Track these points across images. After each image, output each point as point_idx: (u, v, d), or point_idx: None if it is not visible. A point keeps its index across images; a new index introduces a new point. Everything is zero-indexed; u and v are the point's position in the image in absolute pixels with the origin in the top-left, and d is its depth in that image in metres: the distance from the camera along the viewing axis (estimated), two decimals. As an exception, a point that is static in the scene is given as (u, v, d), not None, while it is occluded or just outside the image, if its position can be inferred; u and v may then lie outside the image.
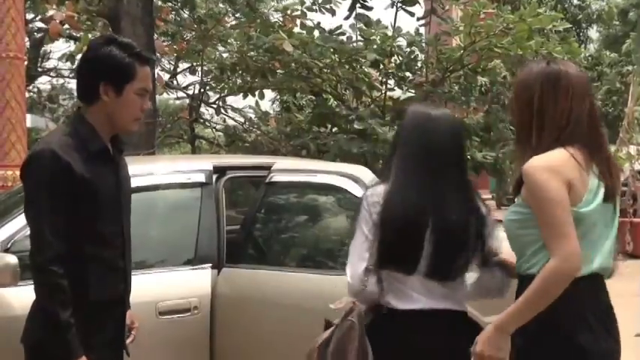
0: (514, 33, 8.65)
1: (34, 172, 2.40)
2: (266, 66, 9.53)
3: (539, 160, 2.37)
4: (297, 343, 3.44)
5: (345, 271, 2.66)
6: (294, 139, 10.06)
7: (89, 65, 2.52)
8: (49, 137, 2.54)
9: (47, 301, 2.39)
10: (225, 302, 3.58)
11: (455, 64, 9.49)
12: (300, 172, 3.82)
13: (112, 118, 2.53)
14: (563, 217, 2.31)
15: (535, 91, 2.45)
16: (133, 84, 2.51)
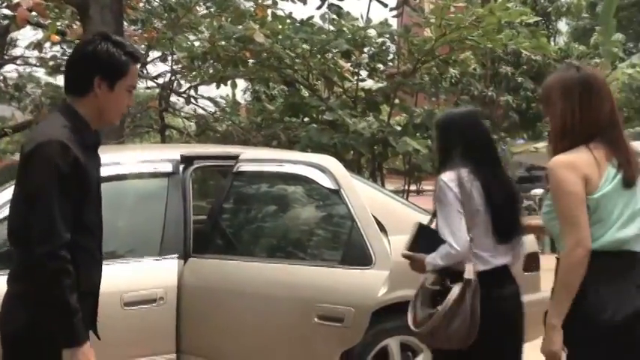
0: (484, 26, 8.69)
1: (44, 161, 2.41)
2: (237, 55, 9.48)
3: (560, 158, 2.66)
4: (265, 332, 3.47)
5: (448, 241, 3.06)
6: (265, 130, 10.05)
7: (86, 59, 2.58)
8: (48, 129, 2.52)
9: (56, 287, 2.37)
10: (192, 292, 3.56)
11: (426, 56, 9.52)
12: (267, 161, 3.81)
13: (102, 111, 2.61)
14: (576, 208, 2.59)
15: (575, 97, 2.69)
16: (124, 80, 2.61)
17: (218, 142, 9.80)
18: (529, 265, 4.60)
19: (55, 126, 2.51)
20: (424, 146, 8.53)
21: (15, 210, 2.54)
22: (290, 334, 3.42)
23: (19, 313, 2.46)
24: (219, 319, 3.55)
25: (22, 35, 27.70)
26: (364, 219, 3.38)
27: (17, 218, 2.49)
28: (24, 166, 2.48)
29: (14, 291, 2.49)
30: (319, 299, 3.31)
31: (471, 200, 3.14)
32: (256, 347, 3.51)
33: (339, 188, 3.49)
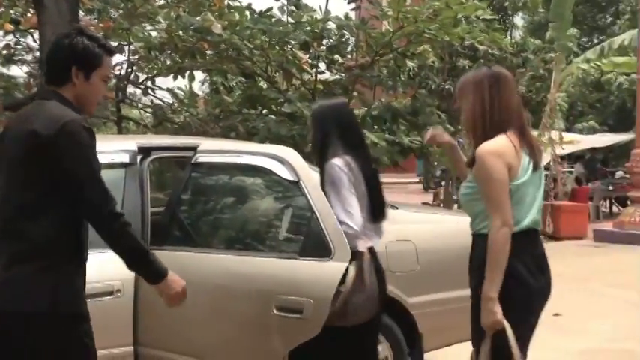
0: (441, 19, 8.76)
1: (82, 136, 2.63)
2: (195, 46, 9.42)
3: (488, 146, 3.00)
4: (223, 323, 3.46)
5: (346, 222, 3.29)
6: (223, 121, 10.00)
7: (63, 51, 2.78)
8: (62, 110, 2.68)
9: (130, 239, 2.71)
10: (146, 283, 3.53)
11: (384, 48, 9.57)
12: (226, 153, 3.79)
13: (80, 99, 2.80)
14: (502, 193, 2.96)
15: (485, 90, 3.08)
16: (99, 71, 2.82)
17: (176, 133, 9.73)
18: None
19: (65, 109, 2.70)
20: (382, 139, 8.59)
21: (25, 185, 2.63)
22: (249, 325, 3.41)
23: (41, 291, 2.56)
24: (177, 311, 3.50)
25: (-26, 24, 27.15)
26: (323, 210, 3.38)
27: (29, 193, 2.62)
28: (55, 145, 2.58)
29: (31, 269, 2.57)
30: (278, 291, 3.31)
31: (358, 183, 3.45)
32: (215, 339, 3.49)
33: (298, 180, 3.49)
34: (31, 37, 11.93)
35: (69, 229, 2.67)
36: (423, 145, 9.39)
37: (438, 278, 4.40)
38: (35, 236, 2.60)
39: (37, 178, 2.62)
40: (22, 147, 2.63)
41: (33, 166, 2.62)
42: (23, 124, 2.68)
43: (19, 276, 2.57)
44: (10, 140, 2.72)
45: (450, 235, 4.57)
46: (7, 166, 2.69)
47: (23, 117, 2.77)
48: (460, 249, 4.52)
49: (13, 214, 2.63)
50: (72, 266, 2.67)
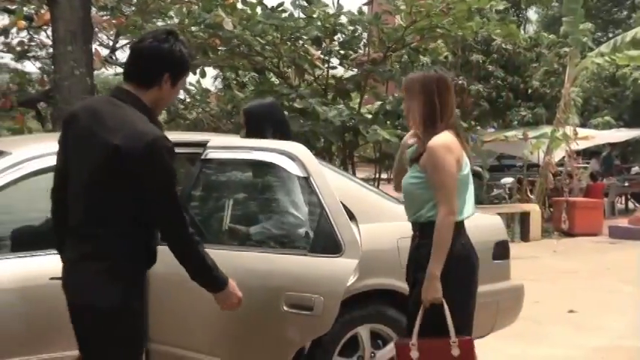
0: (454, 13, 8.70)
1: (165, 158, 2.69)
2: (206, 42, 9.40)
3: (440, 140, 3.29)
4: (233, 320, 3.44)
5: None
6: (235, 117, 9.99)
7: (162, 56, 2.80)
8: (144, 124, 2.71)
9: (198, 257, 2.85)
10: (160, 281, 3.52)
11: (397, 44, 9.52)
12: (236, 149, 3.76)
13: (158, 103, 2.88)
14: (452, 184, 3.27)
15: (434, 92, 3.36)
16: (183, 79, 2.93)
17: (188, 129, 9.75)
18: (498, 253, 4.61)
19: (145, 120, 2.73)
20: (394, 135, 8.54)
21: (100, 191, 2.72)
22: (259, 322, 3.39)
23: (113, 288, 2.71)
24: (185, 307, 3.51)
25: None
26: (333, 207, 3.36)
27: (103, 199, 2.73)
28: (137, 164, 2.65)
29: (104, 266, 2.71)
30: (288, 287, 3.29)
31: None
32: (225, 336, 3.48)
33: (308, 176, 3.47)
34: (45, 33, 11.96)
35: (139, 235, 2.80)
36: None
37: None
38: (106, 239, 2.73)
39: (114, 186, 2.71)
40: (97, 155, 2.69)
41: (111, 176, 2.70)
42: (97, 126, 2.72)
43: (89, 273, 2.73)
44: (80, 137, 2.77)
45: (465, 231, 4.53)
46: (79, 168, 2.77)
47: (94, 113, 2.78)
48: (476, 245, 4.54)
49: (87, 217, 2.76)
50: (138, 268, 2.85)
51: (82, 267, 2.76)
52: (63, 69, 7.47)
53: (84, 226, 2.77)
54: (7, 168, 3.49)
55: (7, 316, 3.28)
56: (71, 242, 2.82)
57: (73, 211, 2.81)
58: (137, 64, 2.84)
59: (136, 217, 2.76)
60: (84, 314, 2.78)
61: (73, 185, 2.82)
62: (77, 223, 2.79)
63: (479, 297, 4.46)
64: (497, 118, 18.57)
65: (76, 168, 2.80)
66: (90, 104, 2.94)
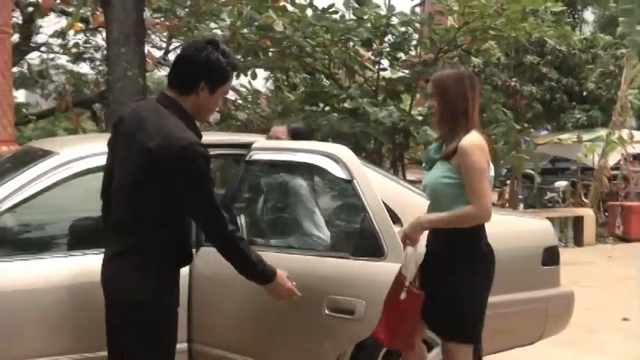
0: (508, 14, 8.58)
1: (199, 162, 2.79)
2: (258, 44, 9.45)
3: (473, 140, 3.32)
4: (275, 322, 3.44)
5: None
6: (285, 118, 10.00)
7: (197, 64, 2.90)
8: (180, 130, 2.80)
9: (241, 254, 2.95)
10: (203, 282, 3.54)
11: (448, 45, 9.43)
12: (280, 150, 3.76)
13: (198, 110, 2.96)
14: (485, 183, 3.31)
15: (467, 88, 3.39)
16: (224, 87, 2.99)
17: (238, 130, 9.80)
18: (548, 258, 4.52)
19: (182, 127, 2.83)
20: (445, 136, 8.45)
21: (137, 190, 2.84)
22: (301, 325, 3.38)
23: (147, 281, 2.83)
24: (230, 309, 3.52)
25: (47, 23, 27.85)
26: (377, 210, 3.32)
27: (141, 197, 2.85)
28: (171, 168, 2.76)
29: (136, 262, 2.83)
30: (330, 291, 3.27)
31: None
32: (267, 338, 3.47)
33: (351, 179, 3.44)
34: (100, 35, 12.18)
35: (173, 232, 2.91)
36: (487, 143, 9.22)
37: (497, 280, 4.26)
38: (143, 235, 2.85)
39: (151, 188, 2.83)
40: (137, 158, 2.82)
41: (148, 178, 2.81)
42: (138, 130, 2.85)
43: (123, 269, 2.86)
44: (124, 140, 2.91)
45: (510, 237, 4.45)
46: (122, 169, 2.91)
47: (139, 118, 2.91)
48: (522, 251, 4.46)
49: (126, 213, 2.88)
50: (170, 266, 2.94)
51: (117, 263, 2.89)
52: (116, 70, 7.60)
53: (122, 224, 2.89)
54: (55, 168, 3.54)
55: (60, 314, 3.33)
56: (110, 238, 2.95)
57: (114, 210, 2.96)
58: (177, 71, 2.97)
59: (171, 216, 2.88)
60: (116, 309, 2.91)
61: (115, 185, 2.96)
62: (116, 221, 2.92)
63: (527, 303, 4.41)
64: (551, 120, 18.27)
65: (118, 169, 2.95)
66: (136, 109, 3.06)
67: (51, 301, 3.32)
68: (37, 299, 3.30)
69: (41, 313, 3.31)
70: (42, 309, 3.31)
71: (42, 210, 3.65)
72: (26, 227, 3.72)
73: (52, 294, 3.32)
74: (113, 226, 2.94)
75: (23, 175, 3.51)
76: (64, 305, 3.34)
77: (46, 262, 3.43)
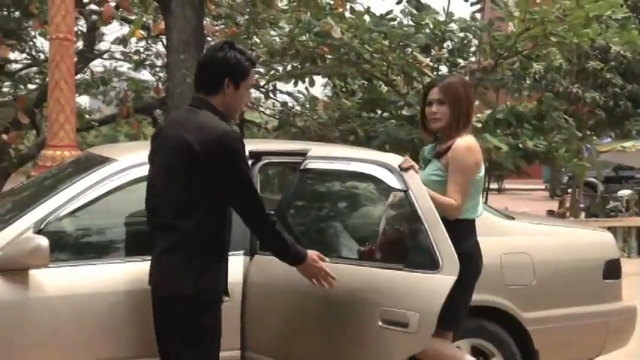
0: (570, 20, 8.39)
1: (236, 148, 2.97)
2: (315, 50, 9.45)
3: (467, 142, 3.55)
4: (328, 333, 3.41)
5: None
6: (342, 125, 10.00)
7: (218, 64, 3.10)
8: (215, 122, 3.01)
9: (278, 238, 3.10)
10: (257, 290, 3.54)
11: (508, 51, 9.28)
12: (335, 159, 3.73)
13: (227, 107, 3.14)
14: (466, 185, 3.51)
15: (470, 93, 3.69)
16: (246, 81, 3.16)
17: (296, 137, 9.82)
18: (609, 272, 4.40)
19: (217, 120, 3.02)
20: (505, 143, 8.33)
21: (180, 188, 2.99)
22: (355, 336, 3.34)
23: (188, 277, 2.95)
24: (283, 318, 3.51)
25: (109, 30, 28.42)
26: (432, 221, 3.27)
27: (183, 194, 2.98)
28: (210, 157, 2.93)
29: (179, 258, 2.97)
30: (384, 303, 3.23)
31: None
32: (319, 348, 3.45)
33: (407, 189, 3.40)
34: (161, 42, 12.37)
35: (213, 227, 3.03)
36: (548, 150, 9.05)
37: (556, 293, 4.20)
38: (184, 231, 2.97)
39: (191, 183, 2.98)
40: (177, 155, 2.99)
41: (188, 173, 2.97)
42: (177, 131, 3.02)
43: (168, 264, 2.98)
44: (164, 144, 3.09)
45: (570, 249, 4.37)
46: (163, 169, 3.06)
47: (176, 122, 3.12)
48: (580, 263, 4.36)
49: (168, 211, 3.01)
50: (213, 258, 3.05)
51: (162, 260, 3.02)
52: (175, 77, 7.71)
53: (164, 223, 3.03)
54: (113, 174, 3.60)
55: (118, 319, 3.37)
56: (154, 238, 3.08)
57: (157, 209, 3.08)
58: (201, 74, 3.16)
59: (211, 209, 3.02)
60: (160, 306, 3.04)
61: (153, 184, 3.12)
62: (159, 221, 3.05)
63: (587, 317, 4.31)
64: (614, 127, 17.81)
65: (160, 172, 3.09)
66: (174, 116, 3.34)
67: (109, 306, 3.36)
68: (97, 304, 3.34)
69: (100, 318, 3.35)
70: (101, 314, 3.35)
71: (100, 215, 3.70)
72: (85, 232, 3.78)
73: (110, 299, 3.36)
74: (157, 227, 3.07)
75: (83, 180, 3.58)
76: (122, 310, 3.38)
77: (105, 267, 3.48)
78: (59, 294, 3.28)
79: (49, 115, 6.88)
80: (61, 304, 3.28)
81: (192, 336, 2.99)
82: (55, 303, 3.26)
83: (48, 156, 6.50)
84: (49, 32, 7.03)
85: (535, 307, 4.11)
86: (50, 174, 4.39)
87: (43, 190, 3.82)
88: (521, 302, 4.05)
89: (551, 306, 4.17)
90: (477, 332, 3.99)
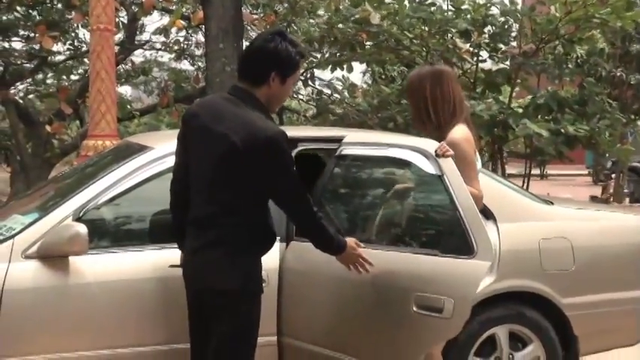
0: (613, 2, 8.23)
1: (282, 150, 2.92)
2: (354, 37, 9.42)
3: (460, 133, 3.56)
4: (364, 319, 3.42)
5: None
6: (381, 112, 9.95)
7: (267, 55, 2.99)
8: (261, 121, 2.92)
9: (323, 232, 3.10)
10: (294, 276, 3.56)
11: (550, 35, 9.14)
12: (370, 145, 3.72)
13: (270, 100, 3.05)
14: (475, 172, 3.54)
15: (426, 87, 3.62)
16: (294, 76, 3.08)
17: (335, 124, 9.81)
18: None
19: (263, 117, 2.95)
20: (546, 129, 8.22)
21: (222, 185, 2.95)
22: (390, 322, 3.35)
23: (234, 272, 2.95)
24: (319, 303, 3.54)
25: (150, 21, 28.64)
26: (467, 207, 3.27)
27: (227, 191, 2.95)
28: (256, 158, 2.87)
29: (225, 252, 2.95)
30: (418, 288, 3.24)
31: None
32: (353, 333, 3.46)
33: (442, 174, 3.39)
34: (200, 32, 12.44)
35: (258, 220, 3.04)
36: (590, 135, 8.90)
37: (596, 279, 4.14)
38: (229, 226, 2.95)
39: (235, 180, 2.93)
40: (220, 151, 2.91)
41: (232, 171, 2.92)
42: (219, 126, 2.92)
43: (212, 259, 2.96)
44: (204, 136, 2.97)
45: (611, 234, 4.30)
46: (205, 164, 2.98)
47: (217, 114, 2.98)
48: (621, 248, 4.29)
49: (210, 209, 2.98)
50: (256, 254, 3.07)
51: (205, 254, 2.99)
52: (215, 66, 7.74)
53: (206, 218, 2.99)
54: (150, 162, 3.65)
55: (156, 305, 3.44)
56: (193, 232, 3.04)
57: (196, 204, 3.04)
58: (247, 63, 3.06)
59: (256, 207, 3.01)
60: (205, 297, 3.01)
61: (195, 179, 3.03)
62: (201, 214, 3.01)
63: (626, 303, 4.24)
64: (660, 111, 17.46)
65: (197, 163, 3.01)
66: (208, 102, 3.17)
67: (146, 292, 3.42)
68: (135, 290, 3.41)
69: (137, 304, 3.41)
70: (138, 300, 3.41)
71: (138, 203, 3.76)
72: (123, 220, 3.84)
73: (147, 285, 3.42)
74: (195, 220, 3.03)
75: (121, 169, 3.63)
76: (159, 297, 3.43)
77: (141, 254, 3.54)
78: (97, 280, 3.35)
79: (90, 106, 6.99)
80: (100, 290, 3.34)
81: (236, 324, 3.01)
82: (93, 289, 3.33)
83: (90, 146, 6.61)
84: (90, 23, 7.12)
85: (574, 292, 4.06)
86: (90, 163, 4.47)
87: (83, 178, 3.89)
88: (559, 288, 4.00)
89: (591, 291, 4.11)
90: (514, 318, 3.95)
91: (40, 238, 3.30)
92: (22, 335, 3.23)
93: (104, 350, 3.35)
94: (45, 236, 3.29)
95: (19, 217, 3.54)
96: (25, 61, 12.63)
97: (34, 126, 11.56)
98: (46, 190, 4.23)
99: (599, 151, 11.50)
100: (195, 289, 3.07)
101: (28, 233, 3.34)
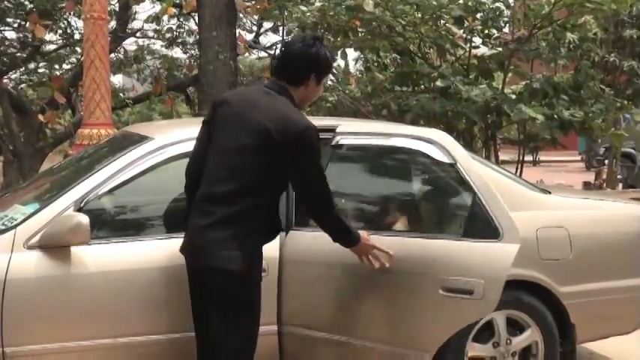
0: (607, -14, 8.24)
1: (314, 143, 3.10)
2: (347, 24, 9.41)
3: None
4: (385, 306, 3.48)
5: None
6: (375, 99, 9.96)
7: (309, 60, 3.20)
8: (296, 114, 3.12)
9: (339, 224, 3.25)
10: (293, 265, 3.58)
11: (543, 20, 9.15)
12: (368, 135, 3.78)
13: (303, 99, 3.28)
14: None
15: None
16: (326, 77, 3.35)
17: (328, 112, 9.82)
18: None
19: (298, 112, 3.15)
20: (540, 114, 8.24)
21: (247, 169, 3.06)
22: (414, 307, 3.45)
23: (241, 254, 3.03)
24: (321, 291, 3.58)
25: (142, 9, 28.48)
26: (486, 191, 3.42)
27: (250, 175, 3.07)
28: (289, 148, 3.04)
29: (234, 234, 3.02)
30: (445, 272, 3.35)
31: None
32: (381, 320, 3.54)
33: (454, 162, 3.50)
34: (193, 19, 12.39)
35: (271, 207, 3.19)
36: (584, 120, 8.93)
37: (593, 267, 4.18)
38: (243, 207, 3.05)
39: (261, 164, 3.07)
40: (254, 138, 3.05)
41: (260, 155, 3.06)
42: (255, 114, 3.09)
43: (219, 238, 3.03)
44: (237, 122, 3.12)
45: (607, 223, 4.35)
46: (233, 146, 3.09)
47: (251, 103, 3.16)
48: (619, 237, 4.33)
49: (230, 185, 3.05)
50: (262, 240, 3.19)
51: (213, 231, 3.04)
52: (208, 53, 7.74)
53: (225, 194, 3.06)
54: (150, 153, 3.65)
55: (155, 295, 3.46)
56: (203, 208, 3.10)
57: (211, 181, 3.12)
58: (287, 64, 3.23)
59: (276, 191, 3.19)
60: (206, 275, 3.08)
61: (215, 161, 3.13)
62: (216, 191, 3.08)
63: (624, 291, 4.29)
64: (653, 96, 17.49)
65: (221, 147, 3.12)
66: (243, 92, 3.41)
67: (148, 282, 3.43)
68: (135, 280, 3.42)
69: (139, 294, 3.42)
70: (139, 290, 3.42)
71: (138, 193, 3.76)
72: (123, 210, 3.85)
73: (148, 275, 3.43)
74: (208, 197, 3.10)
75: (121, 159, 3.63)
76: (161, 286, 3.44)
77: (142, 244, 3.55)
78: (99, 270, 3.36)
79: (84, 94, 6.96)
80: (101, 280, 3.36)
81: (235, 309, 3.08)
82: (95, 279, 3.35)
83: (85, 134, 6.60)
84: (83, 12, 7.09)
85: (571, 281, 4.10)
86: (88, 153, 4.47)
87: (82, 168, 3.89)
88: (557, 276, 4.04)
89: (588, 280, 4.16)
90: (512, 304, 3.98)
91: (41, 229, 3.31)
92: (25, 325, 3.24)
93: (106, 340, 3.37)
94: (47, 226, 3.29)
95: (20, 208, 3.55)
96: (18, 50, 12.56)
97: (27, 115, 11.51)
98: (46, 180, 4.23)
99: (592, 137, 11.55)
100: (197, 266, 3.13)
101: (29, 223, 3.35)
